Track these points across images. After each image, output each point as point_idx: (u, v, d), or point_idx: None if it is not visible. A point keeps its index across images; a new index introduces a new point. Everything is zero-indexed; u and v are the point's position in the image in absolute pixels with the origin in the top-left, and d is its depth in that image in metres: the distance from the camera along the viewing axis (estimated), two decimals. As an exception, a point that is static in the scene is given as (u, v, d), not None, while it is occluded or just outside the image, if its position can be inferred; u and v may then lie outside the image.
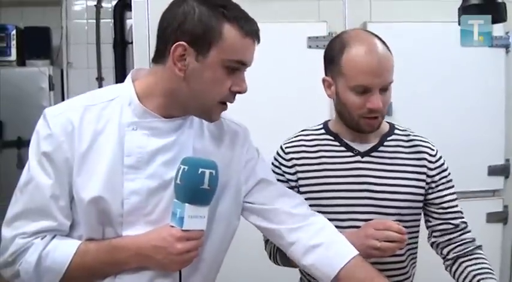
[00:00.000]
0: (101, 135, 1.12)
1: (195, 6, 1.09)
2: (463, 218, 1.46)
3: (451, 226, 1.44)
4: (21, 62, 3.23)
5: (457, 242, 1.44)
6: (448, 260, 1.45)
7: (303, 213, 1.30)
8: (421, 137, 1.50)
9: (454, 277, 1.44)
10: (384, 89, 1.36)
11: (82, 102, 1.15)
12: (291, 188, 1.45)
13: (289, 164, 1.47)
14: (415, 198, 1.43)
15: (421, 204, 1.45)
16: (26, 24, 3.30)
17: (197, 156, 1.17)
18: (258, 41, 1.16)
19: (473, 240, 1.44)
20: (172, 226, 1.09)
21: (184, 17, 1.09)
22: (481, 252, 1.43)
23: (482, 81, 2.51)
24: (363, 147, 1.45)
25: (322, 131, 1.50)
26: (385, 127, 1.48)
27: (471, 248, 1.43)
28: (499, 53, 2.55)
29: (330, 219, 1.36)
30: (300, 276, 1.56)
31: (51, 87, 3.14)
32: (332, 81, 1.41)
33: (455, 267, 1.43)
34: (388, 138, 1.47)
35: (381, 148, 1.45)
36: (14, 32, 3.18)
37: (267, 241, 1.52)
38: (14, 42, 3.17)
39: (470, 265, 1.39)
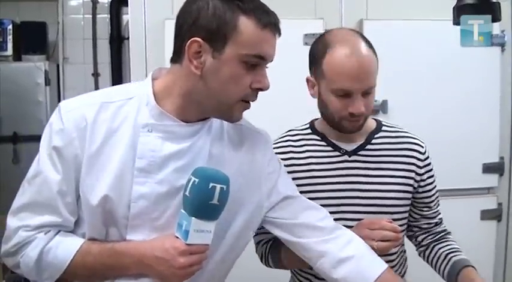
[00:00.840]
0: (114, 134, 1.09)
1: (209, 1, 1.06)
2: (440, 213, 1.52)
3: (432, 224, 1.50)
4: (17, 56, 3.23)
5: (432, 233, 1.51)
6: (422, 246, 1.51)
7: (329, 226, 1.26)
8: (410, 133, 1.48)
9: (427, 261, 1.50)
10: (367, 93, 1.33)
11: (99, 98, 1.12)
12: None
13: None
14: (404, 196, 1.43)
15: (409, 202, 1.45)
16: (23, 19, 3.29)
17: (213, 162, 1.13)
18: (279, 34, 1.11)
19: (445, 228, 1.52)
20: (177, 236, 1.06)
21: (198, 12, 1.05)
22: (450, 237, 1.51)
23: (477, 79, 2.51)
24: (349, 147, 1.43)
25: (309, 130, 1.48)
26: (371, 125, 1.47)
27: (442, 234, 1.50)
28: (494, 52, 2.55)
29: None
30: (291, 275, 1.56)
31: (47, 82, 3.14)
32: (315, 81, 1.39)
33: (428, 252, 1.49)
34: (376, 136, 1.45)
35: (368, 146, 1.44)
36: (10, 26, 3.17)
37: (258, 243, 1.50)
38: (10, 37, 3.16)
39: (442, 247, 1.47)
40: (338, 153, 1.43)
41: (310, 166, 1.43)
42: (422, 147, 1.45)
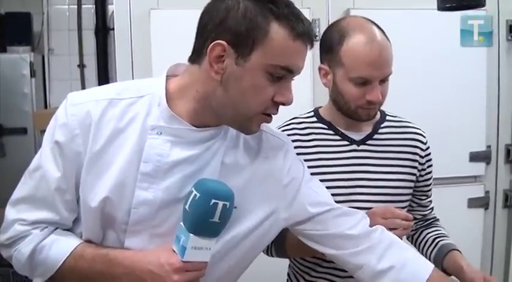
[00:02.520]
0: (121, 134, 1.03)
1: (240, 1, 0.97)
2: (432, 200, 1.55)
3: (426, 211, 1.55)
4: (2, 48, 3.18)
5: (423, 219, 1.55)
6: (411, 230, 1.51)
7: (363, 232, 1.17)
8: (412, 123, 1.50)
9: (415, 245, 1.54)
10: (384, 80, 1.33)
11: (109, 94, 1.05)
12: None
13: None
14: (408, 185, 1.45)
15: (411, 191, 1.47)
16: (7, 10, 3.24)
17: (224, 172, 1.06)
18: (311, 45, 1.03)
19: (435, 215, 1.56)
20: (174, 250, 1.00)
21: (227, 12, 0.96)
22: (439, 223, 1.55)
23: (464, 69, 2.50)
24: (357, 136, 1.43)
25: (314, 119, 1.47)
26: (377, 114, 1.47)
27: (432, 220, 1.55)
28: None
29: None
30: (289, 263, 1.57)
31: (33, 73, 3.10)
32: (329, 70, 1.37)
33: (416, 236, 1.53)
34: (381, 126, 1.46)
35: (376, 136, 1.44)
36: (-6, 17, 3.13)
37: None
38: (-6, 28, 3.13)
39: (430, 232, 1.51)
40: (347, 143, 1.43)
41: (318, 155, 1.42)
42: (424, 137, 1.48)
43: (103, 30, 3.13)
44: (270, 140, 1.18)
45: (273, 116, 1.06)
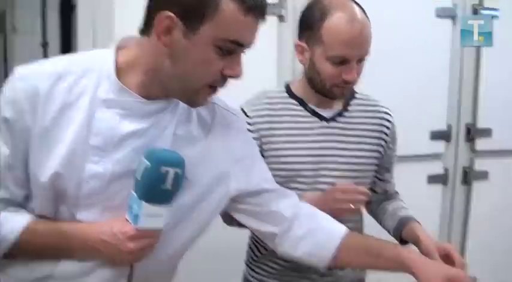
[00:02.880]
0: (70, 108, 1.01)
1: None
2: (393, 185, 1.62)
3: (388, 187, 1.61)
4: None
5: (384, 194, 1.62)
6: (372, 203, 1.60)
7: (294, 214, 1.24)
8: (378, 101, 1.54)
9: (375, 218, 1.61)
10: (361, 60, 1.36)
11: (57, 67, 1.03)
12: None
13: (253, 128, 1.44)
14: (373, 162, 1.50)
15: (376, 168, 1.53)
16: (-35, -13, 3.14)
17: (177, 144, 1.07)
18: (263, 19, 1.01)
19: (395, 189, 1.63)
20: (128, 219, 1.01)
21: None
22: (399, 196, 1.62)
23: (427, 49, 2.55)
24: (328, 113, 1.46)
25: (286, 94, 1.49)
26: None
27: (392, 194, 1.62)
28: (445, 24, 2.60)
29: (296, 187, 1.42)
30: (249, 234, 1.59)
31: (-7, 53, 3.02)
32: (307, 47, 1.38)
33: (375, 207, 1.61)
34: (351, 103, 1.49)
35: (345, 113, 1.47)
36: (-48, -5, 3.02)
37: None
38: (-47, 7, 3.02)
39: (389, 204, 1.58)
40: (317, 119, 1.45)
41: (289, 131, 1.45)
42: (391, 116, 1.53)
43: (67, 7, 3.04)
44: (224, 114, 1.19)
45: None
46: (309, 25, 1.36)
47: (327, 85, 1.38)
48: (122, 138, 1.03)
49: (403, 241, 1.46)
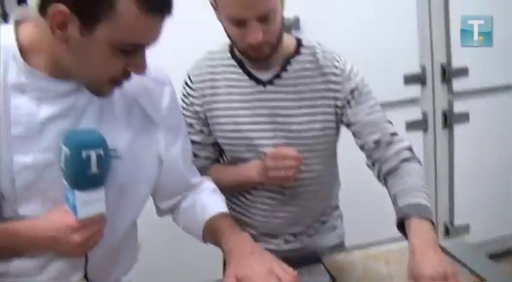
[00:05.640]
0: None
1: None
2: (386, 129, 1.33)
3: (372, 144, 1.32)
4: None
5: (381, 160, 1.32)
6: (380, 180, 1.34)
7: (189, 186, 1.29)
8: (327, 52, 1.35)
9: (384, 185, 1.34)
10: (265, 19, 1.19)
11: None
12: (199, 119, 1.39)
13: (196, 94, 1.38)
14: (327, 125, 1.36)
15: (334, 130, 1.38)
16: None
17: (104, 121, 1.02)
18: (169, 13, 0.92)
19: (399, 152, 1.30)
20: (68, 210, 0.97)
21: None
22: (406, 165, 1.28)
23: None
24: (265, 76, 1.34)
25: (228, 54, 1.38)
26: (289, 46, 1.35)
27: (396, 162, 1.29)
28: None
29: (240, 155, 1.38)
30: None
31: None
32: (215, 5, 1.24)
33: (386, 187, 1.31)
34: (292, 61, 1.34)
35: (284, 74, 1.34)
36: None
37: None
38: None
39: (393, 185, 1.26)
40: (253, 83, 1.35)
41: (228, 96, 1.36)
42: (337, 68, 1.33)
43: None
44: (147, 81, 1.11)
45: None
46: None
47: (239, 47, 1.27)
48: (44, 122, 0.96)
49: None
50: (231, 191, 1.47)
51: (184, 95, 1.41)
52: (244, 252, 1.11)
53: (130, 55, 0.94)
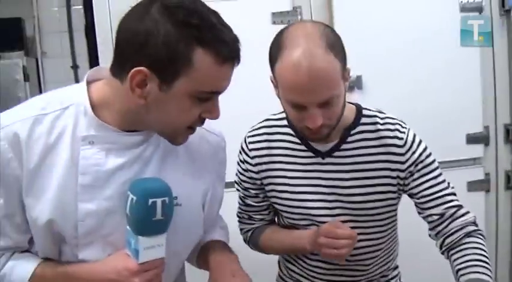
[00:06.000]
0: (52, 150, 1.01)
1: (159, 23, 0.90)
2: (450, 202, 1.31)
3: (436, 217, 1.30)
4: (-5, 55, 3.20)
5: (445, 234, 1.30)
6: (443, 253, 1.33)
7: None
8: (390, 122, 1.31)
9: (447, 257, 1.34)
10: (325, 104, 1.15)
11: (33, 111, 1.02)
12: (255, 184, 1.39)
13: (253, 161, 1.38)
14: (389, 196, 1.32)
15: (395, 200, 1.35)
16: (-1, 17, 3.26)
17: (166, 170, 1.07)
18: (239, 61, 0.99)
19: (463, 226, 1.29)
20: (129, 254, 1.02)
21: (146, 37, 0.90)
22: (469, 240, 1.27)
23: (457, 47, 2.41)
24: (324, 147, 1.30)
25: (285, 122, 1.36)
26: (349, 117, 1.31)
27: (460, 237, 1.28)
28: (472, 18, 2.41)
29: (297, 223, 1.37)
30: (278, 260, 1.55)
31: (26, 78, 3.10)
32: (275, 83, 1.22)
33: (449, 261, 1.30)
34: (352, 132, 1.30)
35: (344, 146, 1.30)
36: (-15, 25, 3.14)
37: (241, 230, 1.50)
38: (-14, 35, 3.14)
39: (456, 259, 1.26)
40: (311, 154, 1.32)
41: (285, 165, 1.34)
42: (401, 139, 1.29)
43: (93, 30, 3.10)
44: (206, 135, 1.19)
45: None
46: (270, 61, 1.20)
47: (297, 127, 1.25)
48: (110, 173, 1.02)
49: None
50: (284, 254, 1.48)
51: (241, 160, 1.41)
52: (226, 273, 1.12)
53: (206, 102, 0.99)
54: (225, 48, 0.94)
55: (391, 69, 2.39)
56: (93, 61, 3.08)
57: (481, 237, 1.29)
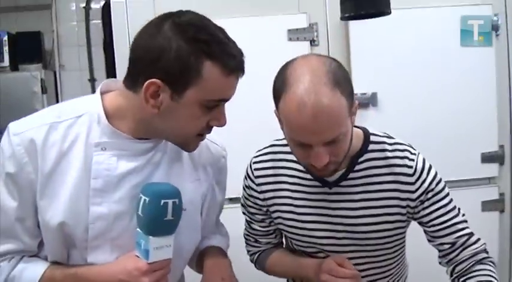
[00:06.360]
0: (66, 156, 1.06)
1: (172, 40, 0.98)
2: (462, 230, 1.26)
3: (447, 246, 1.27)
4: (14, 67, 3.25)
5: (456, 262, 1.27)
6: (453, 280, 1.29)
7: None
8: (399, 148, 1.26)
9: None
10: (332, 143, 1.09)
11: (47, 119, 1.07)
12: (261, 210, 1.38)
13: (258, 188, 1.35)
14: (398, 225, 1.28)
15: (404, 228, 1.32)
16: (18, 30, 3.32)
17: (173, 175, 1.13)
18: (243, 73, 1.06)
19: (474, 254, 1.26)
20: (138, 256, 1.06)
21: (159, 53, 0.98)
22: (480, 267, 1.25)
23: (472, 66, 2.42)
24: (331, 177, 1.25)
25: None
26: (356, 144, 1.24)
27: (470, 264, 1.25)
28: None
29: (303, 249, 1.36)
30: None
31: (44, 90, 3.15)
32: (279, 118, 1.16)
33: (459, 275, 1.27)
34: (360, 160, 1.25)
35: (351, 174, 1.25)
36: (5, 37, 3.19)
37: (248, 252, 1.50)
38: (6, 48, 3.19)
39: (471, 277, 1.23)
40: (317, 184, 1.27)
41: (291, 193, 1.31)
42: (411, 167, 1.23)
43: (111, 44, 3.14)
44: (210, 147, 1.27)
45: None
46: (274, 97, 1.14)
47: (302, 164, 1.23)
48: (120, 177, 1.08)
49: None
50: (289, 278, 1.48)
51: (246, 186, 1.38)
52: (215, 275, 1.19)
53: (213, 110, 1.06)
54: (232, 60, 1.02)
55: (407, 87, 2.40)
56: (111, 75, 3.12)
57: (492, 264, 1.27)
